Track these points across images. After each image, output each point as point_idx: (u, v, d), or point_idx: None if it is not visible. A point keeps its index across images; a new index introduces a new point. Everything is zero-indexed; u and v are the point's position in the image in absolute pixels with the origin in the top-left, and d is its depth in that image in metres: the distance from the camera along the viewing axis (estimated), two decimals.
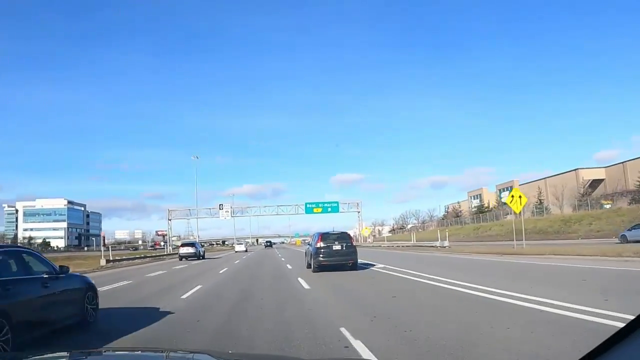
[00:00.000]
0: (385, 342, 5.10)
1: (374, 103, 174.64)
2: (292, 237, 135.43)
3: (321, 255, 15.83)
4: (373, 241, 75.08)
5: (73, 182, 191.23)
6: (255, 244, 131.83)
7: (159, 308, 8.64)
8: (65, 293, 6.33)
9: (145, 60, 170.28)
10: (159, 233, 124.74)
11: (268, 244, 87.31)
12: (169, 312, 8.04)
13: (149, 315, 7.68)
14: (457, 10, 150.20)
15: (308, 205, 66.11)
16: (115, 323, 7.21)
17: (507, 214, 60.39)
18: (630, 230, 29.18)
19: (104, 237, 39.93)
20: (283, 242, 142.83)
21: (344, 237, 16.73)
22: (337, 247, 15.96)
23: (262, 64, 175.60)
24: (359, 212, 68.85)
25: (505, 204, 46.69)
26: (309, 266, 17.29)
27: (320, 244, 16.08)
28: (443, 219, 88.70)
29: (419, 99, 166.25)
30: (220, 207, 66.62)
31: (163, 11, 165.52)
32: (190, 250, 37.05)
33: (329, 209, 66.11)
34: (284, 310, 7.85)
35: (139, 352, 3.45)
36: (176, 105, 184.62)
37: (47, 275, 5.99)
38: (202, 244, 53.18)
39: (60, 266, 6.51)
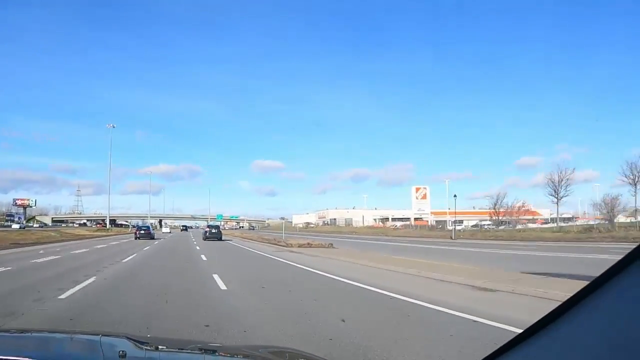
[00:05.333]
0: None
1: (298, 92, 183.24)
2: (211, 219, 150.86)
3: (207, 233, 38.01)
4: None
5: None
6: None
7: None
8: None
9: (66, 30, 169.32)
10: (19, 203, 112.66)
11: (184, 228, 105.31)
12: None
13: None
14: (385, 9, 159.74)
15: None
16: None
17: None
18: None
19: None
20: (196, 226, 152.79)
21: (217, 227, 39.59)
22: (214, 230, 38.36)
23: (186, 43, 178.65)
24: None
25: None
26: (203, 237, 39.18)
27: (207, 229, 38.69)
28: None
29: (344, 92, 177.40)
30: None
31: None
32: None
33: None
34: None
35: (46, 333, 2.98)
36: (92, 79, 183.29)
37: None
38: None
39: None
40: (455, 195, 62.07)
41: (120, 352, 1.71)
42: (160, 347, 2.12)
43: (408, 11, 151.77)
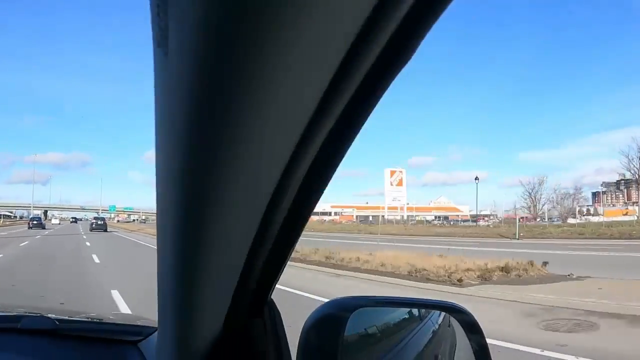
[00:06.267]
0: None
1: None
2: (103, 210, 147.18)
3: (94, 225, 42.59)
4: None
5: None
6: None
7: None
8: None
9: None
10: None
11: (74, 220, 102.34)
12: None
13: None
14: None
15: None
16: None
17: None
18: None
19: None
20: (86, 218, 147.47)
21: (102, 219, 44.43)
22: (100, 222, 43.06)
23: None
24: None
25: None
26: (90, 228, 43.09)
27: (93, 221, 43.46)
28: None
29: None
30: None
31: None
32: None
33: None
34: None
35: None
36: None
37: None
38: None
39: None
40: (476, 178, 57.37)
41: None
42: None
43: None
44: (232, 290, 0.62)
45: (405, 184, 74.19)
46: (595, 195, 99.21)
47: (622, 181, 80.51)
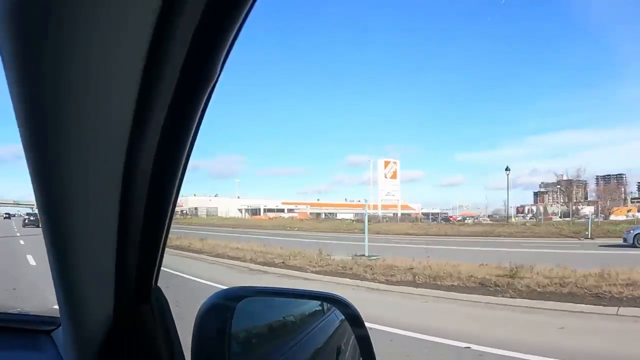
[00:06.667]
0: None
1: None
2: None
3: (26, 220, 39.71)
4: None
5: None
6: None
7: None
8: None
9: None
10: None
11: (7, 215, 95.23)
12: None
13: None
14: None
15: None
16: None
17: None
18: None
19: None
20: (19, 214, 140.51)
21: (35, 214, 40.75)
22: (32, 218, 39.95)
23: None
24: None
25: None
26: (22, 224, 40.33)
27: (26, 216, 40.45)
28: None
29: None
30: None
31: None
32: None
33: None
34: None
35: None
36: None
37: None
38: None
39: None
40: (507, 169, 48.38)
41: None
42: None
43: None
44: (113, 277, 0.64)
45: (399, 177, 66.30)
46: (537, 194, 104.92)
47: (563, 181, 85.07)
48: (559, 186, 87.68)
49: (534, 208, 69.53)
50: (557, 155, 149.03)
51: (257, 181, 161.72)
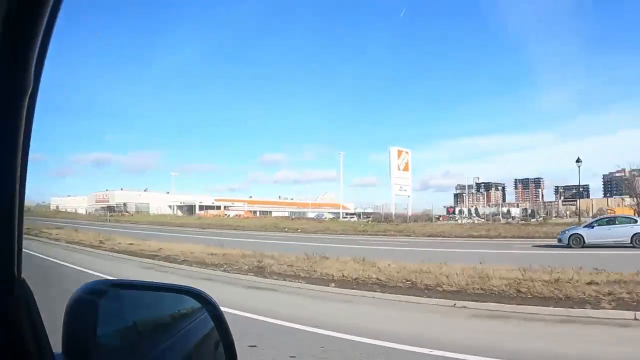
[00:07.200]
0: None
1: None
2: None
3: None
4: None
5: None
6: None
7: None
8: None
9: None
10: None
11: None
12: None
13: None
14: None
15: None
16: None
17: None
18: None
19: None
20: None
21: None
22: None
23: None
24: None
25: None
26: None
27: None
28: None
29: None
30: None
31: None
32: None
33: None
34: None
35: None
36: None
37: None
38: None
39: None
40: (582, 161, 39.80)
41: None
42: None
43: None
44: None
45: (410, 169, 56.02)
46: (457, 196, 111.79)
47: (482, 184, 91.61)
48: (476, 188, 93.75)
49: (465, 209, 72.98)
50: (471, 158, 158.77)
51: (169, 178, 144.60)
